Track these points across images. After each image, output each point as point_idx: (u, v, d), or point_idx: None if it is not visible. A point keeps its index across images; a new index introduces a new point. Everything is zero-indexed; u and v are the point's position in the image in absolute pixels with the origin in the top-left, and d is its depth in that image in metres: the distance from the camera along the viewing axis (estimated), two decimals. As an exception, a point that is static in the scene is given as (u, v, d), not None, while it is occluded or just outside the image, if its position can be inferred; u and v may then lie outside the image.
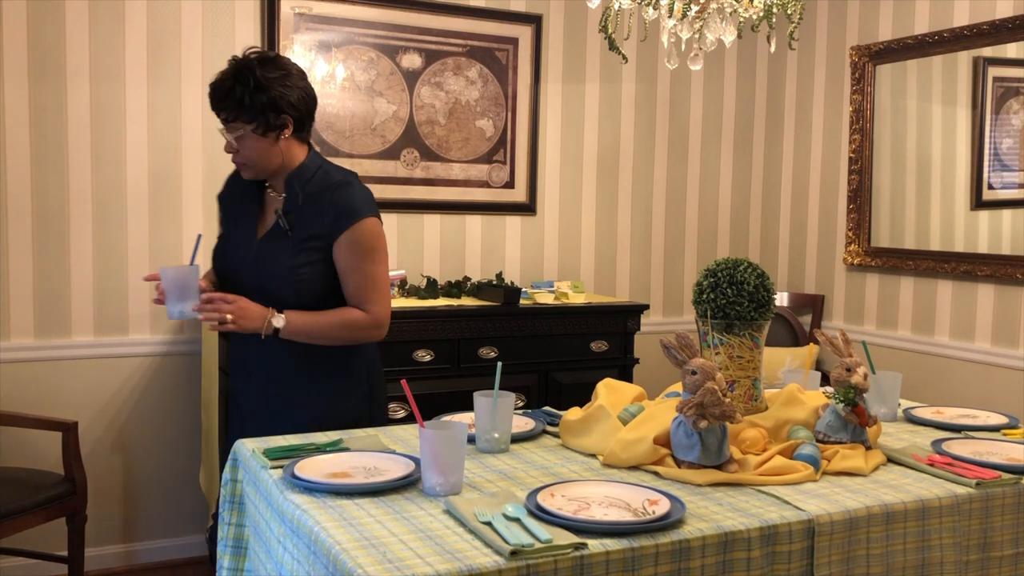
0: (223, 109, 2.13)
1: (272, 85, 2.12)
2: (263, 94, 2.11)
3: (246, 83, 2.11)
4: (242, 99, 2.11)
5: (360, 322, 2.17)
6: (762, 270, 2.01)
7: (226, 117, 2.14)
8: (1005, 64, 3.52)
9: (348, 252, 2.15)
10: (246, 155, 2.15)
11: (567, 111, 4.05)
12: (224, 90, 2.13)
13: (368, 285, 2.17)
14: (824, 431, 1.93)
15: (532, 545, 1.35)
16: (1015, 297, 3.46)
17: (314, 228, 2.15)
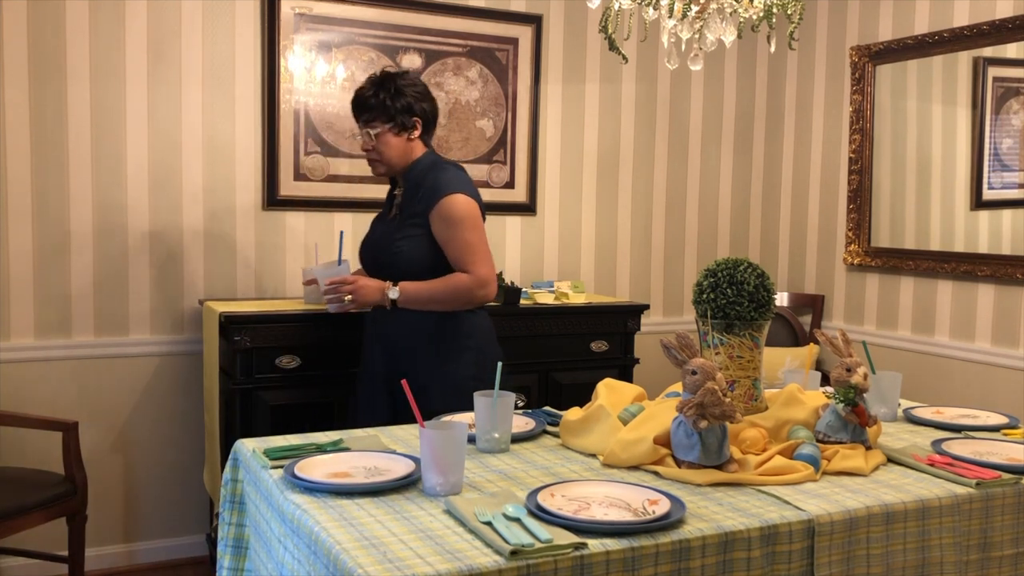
0: (367, 110, 2.59)
1: (407, 92, 2.60)
2: (402, 98, 2.59)
3: (388, 89, 2.59)
4: (384, 101, 2.57)
5: (465, 283, 2.52)
6: (762, 270, 2.01)
7: (368, 118, 2.59)
8: (1005, 64, 3.52)
9: (442, 224, 2.52)
10: (381, 151, 2.60)
11: (567, 111, 4.05)
12: (368, 95, 2.59)
13: (466, 249, 2.53)
14: (824, 431, 1.93)
15: (532, 545, 1.35)
16: (1015, 297, 3.46)
17: (415, 207, 2.56)
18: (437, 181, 2.55)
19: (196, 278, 3.41)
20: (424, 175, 2.59)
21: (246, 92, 3.43)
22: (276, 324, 3.05)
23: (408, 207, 2.59)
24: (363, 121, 2.61)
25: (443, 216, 2.52)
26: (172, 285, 3.38)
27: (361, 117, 2.62)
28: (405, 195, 2.63)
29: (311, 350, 3.11)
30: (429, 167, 2.61)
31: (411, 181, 2.61)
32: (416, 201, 2.57)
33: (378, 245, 2.65)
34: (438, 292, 2.52)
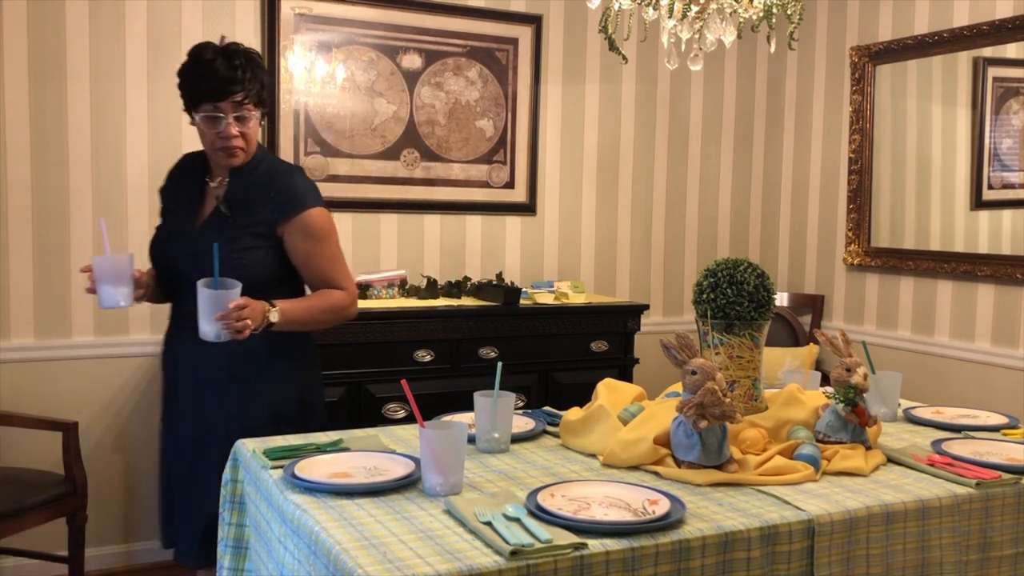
0: (239, 88, 2.14)
1: (263, 68, 2.25)
2: (264, 76, 2.24)
3: (253, 63, 2.20)
4: (254, 79, 2.19)
5: (343, 300, 2.26)
6: (762, 270, 2.02)
7: (241, 99, 2.15)
8: (1005, 64, 3.52)
9: (305, 239, 2.21)
10: (249, 138, 2.20)
11: (567, 111, 4.05)
12: (237, 69, 2.15)
13: (334, 264, 2.27)
14: (824, 431, 1.93)
15: (532, 545, 1.35)
16: (1015, 297, 3.46)
17: (258, 214, 2.19)
18: (293, 189, 2.22)
19: (196, 278, 3.40)
20: (271, 176, 2.22)
21: (246, 92, 3.43)
22: (276, 324, 3.05)
23: (247, 212, 2.19)
24: (233, 102, 2.14)
25: (307, 231, 2.20)
26: (172, 285, 3.37)
27: (228, 96, 2.13)
28: (236, 193, 2.21)
29: (311, 350, 3.10)
30: (271, 165, 2.26)
31: (248, 178, 2.22)
32: (261, 206, 2.19)
33: (207, 252, 2.04)
34: (317, 312, 2.21)
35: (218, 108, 2.13)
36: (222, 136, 2.14)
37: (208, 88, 2.13)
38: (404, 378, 1.82)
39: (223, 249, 2.06)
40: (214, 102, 2.13)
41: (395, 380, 2.04)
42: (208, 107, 2.13)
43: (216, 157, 2.20)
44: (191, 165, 2.33)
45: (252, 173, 2.23)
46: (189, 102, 2.18)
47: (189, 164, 2.34)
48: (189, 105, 2.19)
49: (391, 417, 3.19)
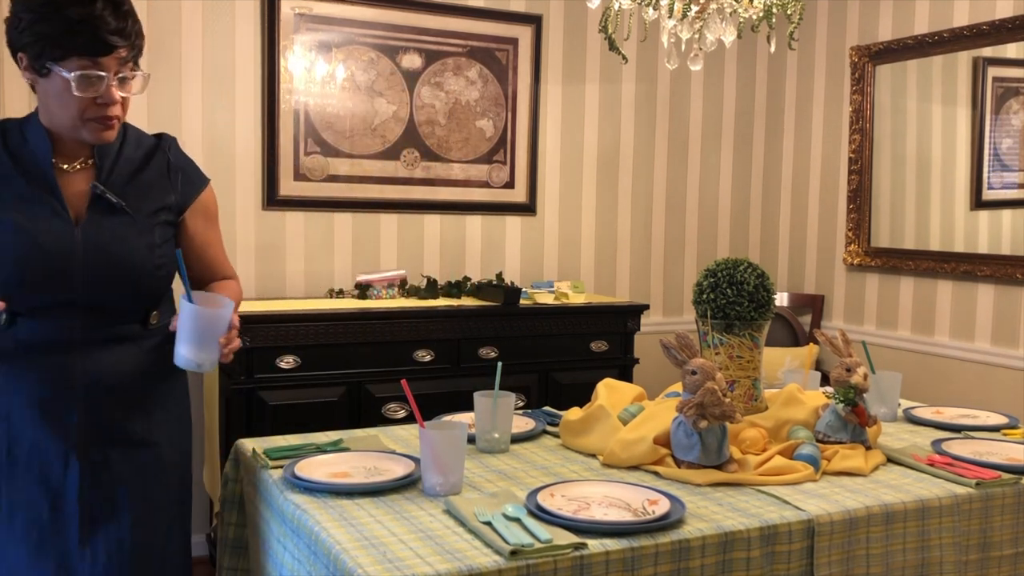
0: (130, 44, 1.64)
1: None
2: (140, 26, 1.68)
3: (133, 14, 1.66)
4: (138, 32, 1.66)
5: (241, 291, 1.94)
6: (762, 270, 2.02)
7: (129, 55, 1.64)
8: (1005, 64, 3.53)
9: (205, 221, 1.87)
10: (125, 107, 1.69)
11: (567, 111, 4.05)
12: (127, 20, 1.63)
13: (224, 251, 1.95)
14: (824, 431, 1.93)
15: (532, 545, 1.35)
16: (1015, 297, 3.46)
17: (161, 198, 1.76)
18: (190, 164, 1.86)
19: (196, 278, 3.40)
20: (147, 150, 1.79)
21: (246, 92, 3.43)
22: (276, 324, 3.05)
23: (144, 196, 1.74)
24: (117, 58, 1.61)
25: (207, 212, 1.87)
26: (172, 285, 3.37)
27: (113, 51, 1.60)
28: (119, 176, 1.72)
29: (311, 350, 3.11)
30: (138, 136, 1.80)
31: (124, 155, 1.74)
32: (159, 187, 1.76)
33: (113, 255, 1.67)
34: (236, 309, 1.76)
35: (98, 65, 1.59)
36: (100, 102, 1.61)
37: (89, 39, 1.57)
38: (404, 378, 1.82)
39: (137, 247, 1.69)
40: (94, 57, 1.58)
41: (395, 380, 2.03)
42: (86, 63, 1.58)
43: (83, 131, 1.64)
44: (17, 142, 1.69)
45: (125, 147, 1.75)
46: (51, 52, 1.57)
47: (15, 141, 1.69)
48: (48, 56, 1.58)
49: (391, 417, 3.19)
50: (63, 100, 1.61)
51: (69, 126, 1.65)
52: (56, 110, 1.64)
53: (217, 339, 1.63)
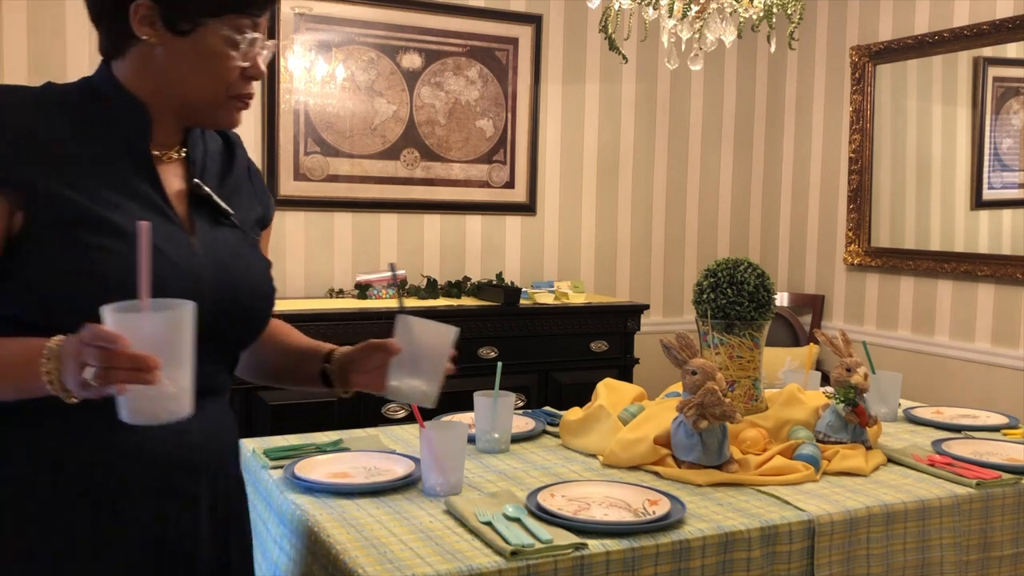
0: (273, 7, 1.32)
1: None
2: None
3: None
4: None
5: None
6: (762, 270, 2.01)
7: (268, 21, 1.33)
8: (1005, 64, 3.52)
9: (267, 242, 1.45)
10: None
11: (567, 111, 4.05)
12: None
13: None
14: (824, 431, 1.93)
15: (532, 545, 1.35)
16: (1015, 297, 3.46)
17: (252, 207, 1.37)
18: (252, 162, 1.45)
19: (196, 278, 3.40)
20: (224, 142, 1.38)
21: (246, 92, 3.43)
22: (276, 324, 3.05)
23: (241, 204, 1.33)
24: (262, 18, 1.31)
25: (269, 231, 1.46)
26: (172, 285, 3.37)
27: (267, 8, 1.31)
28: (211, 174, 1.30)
29: (311, 350, 3.10)
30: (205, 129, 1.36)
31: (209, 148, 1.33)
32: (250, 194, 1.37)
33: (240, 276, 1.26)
34: None
35: (256, 25, 1.27)
36: (248, 75, 1.25)
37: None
38: (404, 378, 1.82)
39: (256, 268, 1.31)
40: (255, 16, 1.27)
41: (395, 380, 2.04)
42: (245, 23, 1.24)
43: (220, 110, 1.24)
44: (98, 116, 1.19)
45: (208, 139, 1.34)
46: (207, 4, 1.19)
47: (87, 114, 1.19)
48: (201, 9, 1.18)
49: (391, 417, 3.19)
50: (212, 68, 1.20)
51: (205, 102, 1.22)
52: (193, 80, 1.20)
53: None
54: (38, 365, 1.03)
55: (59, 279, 1.11)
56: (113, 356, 0.97)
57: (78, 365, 0.99)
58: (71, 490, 1.14)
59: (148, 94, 1.21)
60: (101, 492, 1.15)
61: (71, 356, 1.00)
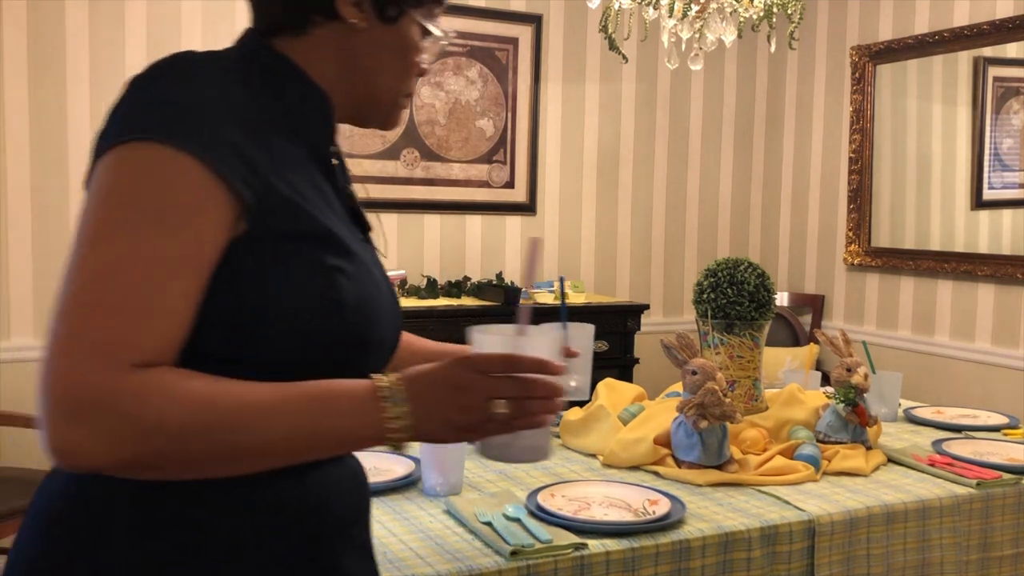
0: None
1: None
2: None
3: None
4: None
5: None
6: (762, 270, 2.01)
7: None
8: (1005, 64, 3.52)
9: None
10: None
11: (567, 111, 4.05)
12: None
13: None
14: (824, 431, 1.93)
15: (532, 545, 1.35)
16: (1015, 297, 3.46)
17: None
18: None
19: (196, 278, 3.40)
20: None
21: (246, 92, 3.43)
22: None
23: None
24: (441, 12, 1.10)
25: None
26: (172, 285, 3.37)
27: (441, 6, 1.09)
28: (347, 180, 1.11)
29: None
30: None
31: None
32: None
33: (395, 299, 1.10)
34: None
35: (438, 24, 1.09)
36: (422, 69, 1.08)
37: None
38: (404, 378, 1.81)
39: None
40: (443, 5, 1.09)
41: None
42: (437, 11, 1.07)
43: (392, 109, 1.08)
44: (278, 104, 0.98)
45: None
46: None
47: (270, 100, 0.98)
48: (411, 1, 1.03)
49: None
50: (406, 60, 1.06)
51: (387, 98, 1.07)
52: (388, 72, 1.05)
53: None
54: (375, 412, 0.87)
55: (293, 306, 0.90)
56: (533, 385, 0.87)
57: (479, 400, 0.87)
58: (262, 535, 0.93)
59: (330, 83, 1.02)
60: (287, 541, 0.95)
61: (453, 391, 0.88)
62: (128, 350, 0.81)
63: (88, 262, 0.83)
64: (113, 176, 0.85)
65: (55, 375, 0.79)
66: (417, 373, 0.89)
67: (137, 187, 0.85)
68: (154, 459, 0.82)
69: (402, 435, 0.87)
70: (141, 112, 0.88)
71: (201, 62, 0.94)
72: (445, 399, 0.87)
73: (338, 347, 0.92)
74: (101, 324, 0.81)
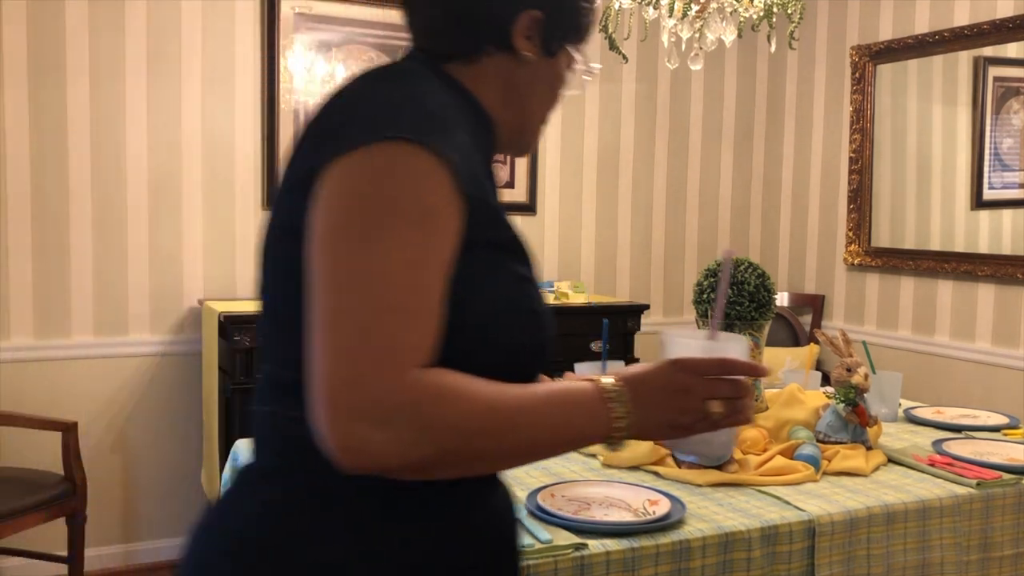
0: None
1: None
2: None
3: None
4: None
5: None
6: (762, 270, 2.01)
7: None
8: (1005, 64, 3.52)
9: None
10: None
11: (567, 111, 4.05)
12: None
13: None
14: (825, 431, 1.93)
15: (532, 545, 1.35)
16: (1015, 297, 3.46)
17: None
18: None
19: (196, 278, 3.40)
20: None
21: (246, 92, 3.43)
22: (276, 324, 3.05)
23: None
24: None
25: None
26: (172, 285, 3.37)
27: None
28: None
29: (311, 350, 3.10)
30: None
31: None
32: None
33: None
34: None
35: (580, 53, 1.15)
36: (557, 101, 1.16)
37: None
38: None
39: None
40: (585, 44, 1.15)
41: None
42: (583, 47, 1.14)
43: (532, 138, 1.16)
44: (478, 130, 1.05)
45: None
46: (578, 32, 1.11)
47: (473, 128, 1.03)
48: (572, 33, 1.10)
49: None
50: (556, 92, 1.13)
51: (534, 126, 1.14)
52: (542, 103, 1.13)
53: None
54: (603, 412, 0.92)
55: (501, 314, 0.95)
56: (744, 387, 0.95)
57: (697, 401, 0.94)
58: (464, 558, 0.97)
59: (493, 110, 1.08)
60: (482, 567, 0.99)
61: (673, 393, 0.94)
62: (414, 353, 0.84)
63: (359, 265, 0.83)
64: (369, 174, 0.86)
65: (344, 381, 0.81)
66: (635, 375, 0.95)
67: (397, 188, 0.86)
68: (444, 458, 0.85)
69: (623, 434, 0.93)
70: (389, 114, 0.89)
71: (417, 72, 1.00)
72: (665, 401, 0.94)
73: (531, 354, 0.98)
74: (385, 328, 0.82)
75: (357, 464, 0.83)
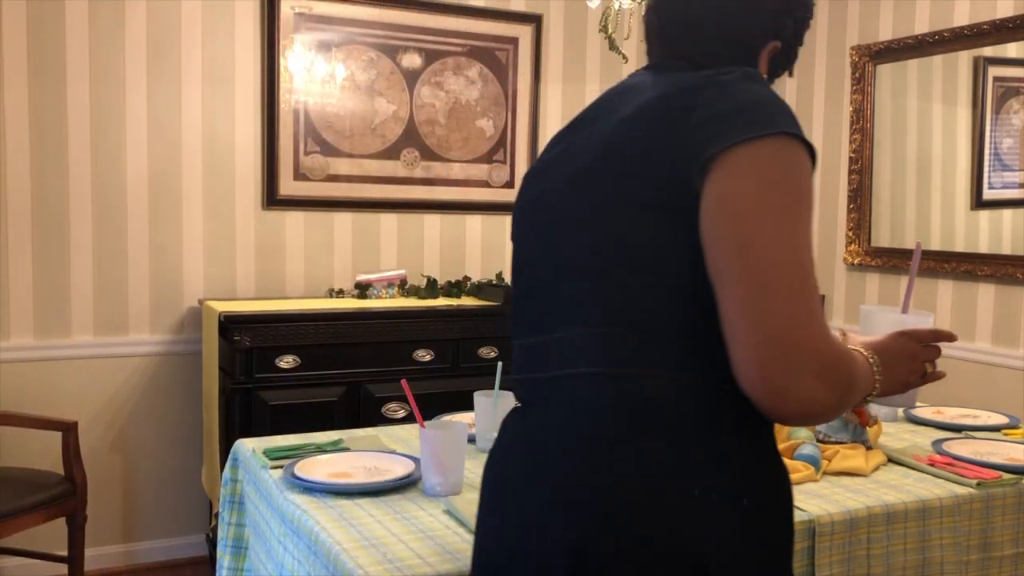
0: None
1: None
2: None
3: None
4: None
5: None
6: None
7: None
8: (1005, 64, 3.52)
9: None
10: None
11: (567, 111, 4.05)
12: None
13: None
14: (824, 431, 1.93)
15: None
16: (1016, 297, 3.46)
17: None
18: None
19: (196, 278, 3.40)
20: None
21: (246, 92, 3.43)
22: (276, 324, 3.05)
23: None
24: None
25: None
26: (172, 285, 3.37)
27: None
28: None
29: (311, 350, 3.10)
30: None
31: None
32: None
33: None
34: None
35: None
36: None
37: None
38: (404, 378, 1.82)
39: None
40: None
41: (395, 380, 2.03)
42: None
43: None
44: None
45: None
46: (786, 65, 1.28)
47: None
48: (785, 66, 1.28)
49: (391, 417, 3.19)
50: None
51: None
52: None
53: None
54: (871, 376, 1.16)
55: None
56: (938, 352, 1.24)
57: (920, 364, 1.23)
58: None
59: None
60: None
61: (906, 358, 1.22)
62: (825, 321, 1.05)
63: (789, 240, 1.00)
64: (783, 164, 1.02)
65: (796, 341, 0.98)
66: (879, 345, 1.20)
67: (802, 178, 1.03)
68: (837, 405, 1.05)
69: (876, 393, 1.18)
70: (775, 110, 1.04)
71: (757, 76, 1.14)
72: (903, 365, 1.20)
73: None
74: (815, 296, 1.01)
75: (801, 411, 1.00)
